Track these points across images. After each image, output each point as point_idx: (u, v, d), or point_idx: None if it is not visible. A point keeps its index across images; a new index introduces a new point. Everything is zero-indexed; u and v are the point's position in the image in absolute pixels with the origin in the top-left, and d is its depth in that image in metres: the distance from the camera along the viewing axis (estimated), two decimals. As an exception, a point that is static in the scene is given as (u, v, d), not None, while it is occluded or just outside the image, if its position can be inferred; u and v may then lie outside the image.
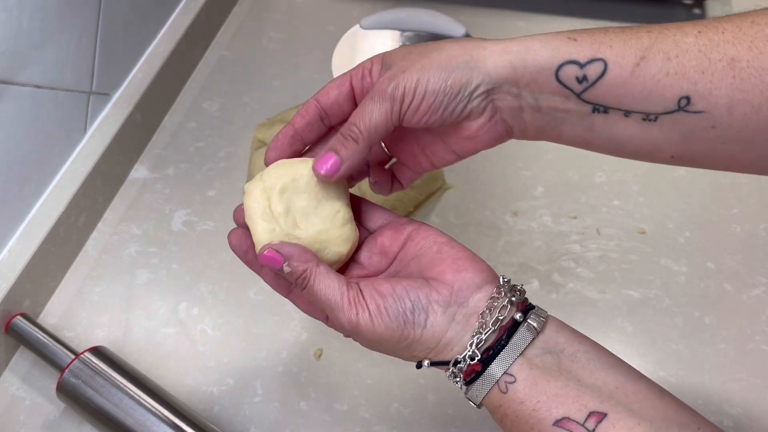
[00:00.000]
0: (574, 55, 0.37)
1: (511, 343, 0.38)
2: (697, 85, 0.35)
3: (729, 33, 0.35)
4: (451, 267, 0.40)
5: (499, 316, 0.38)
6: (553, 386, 0.36)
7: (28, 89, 0.61)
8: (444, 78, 0.38)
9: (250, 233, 0.44)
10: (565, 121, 0.39)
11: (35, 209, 0.66)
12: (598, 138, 0.40)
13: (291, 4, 0.97)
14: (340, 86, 0.44)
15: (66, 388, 0.55)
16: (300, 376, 0.60)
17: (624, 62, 0.36)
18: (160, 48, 0.81)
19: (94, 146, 0.71)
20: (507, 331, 0.38)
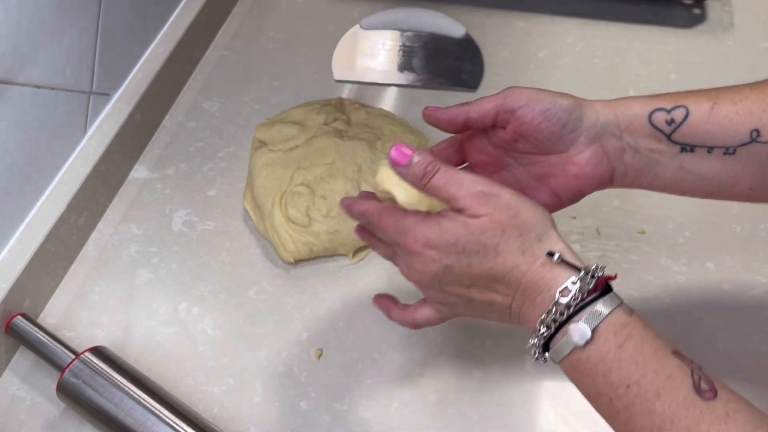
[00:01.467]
0: (661, 104, 0.46)
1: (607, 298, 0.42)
2: (762, 120, 0.44)
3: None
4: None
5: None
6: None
7: (28, 89, 0.61)
8: (561, 100, 0.47)
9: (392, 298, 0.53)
10: (659, 162, 0.47)
11: (35, 209, 0.66)
12: (688, 176, 0.47)
13: (291, 4, 0.97)
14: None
15: (66, 388, 0.55)
16: (300, 376, 0.60)
17: (701, 107, 0.45)
18: (160, 48, 0.81)
19: (94, 146, 0.71)
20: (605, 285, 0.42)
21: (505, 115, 0.48)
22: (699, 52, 0.86)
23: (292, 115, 0.76)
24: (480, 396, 0.59)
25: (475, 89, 0.83)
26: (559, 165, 0.49)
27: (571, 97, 0.48)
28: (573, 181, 0.49)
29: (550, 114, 0.47)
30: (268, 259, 0.69)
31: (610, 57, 0.86)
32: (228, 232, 0.71)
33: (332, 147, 0.70)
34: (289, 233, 0.66)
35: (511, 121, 0.48)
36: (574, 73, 0.85)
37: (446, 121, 0.50)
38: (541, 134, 0.47)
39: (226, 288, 0.67)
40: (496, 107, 0.48)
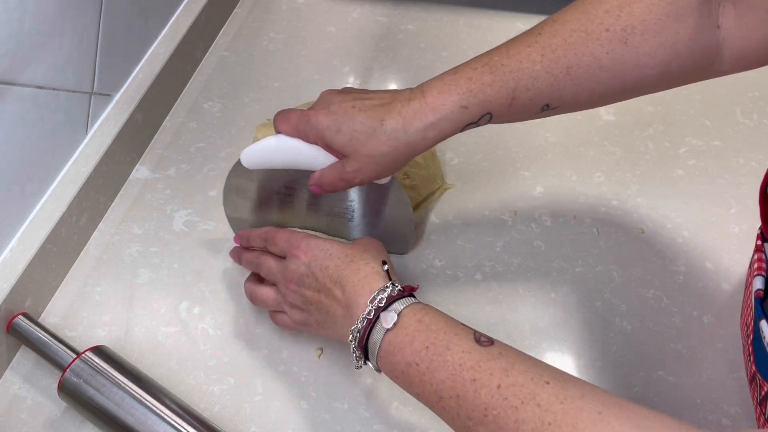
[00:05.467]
0: (469, 120, 0.52)
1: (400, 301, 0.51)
2: (551, 96, 0.52)
3: (560, 49, 0.50)
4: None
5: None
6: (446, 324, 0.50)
7: (29, 90, 0.61)
8: (390, 166, 0.55)
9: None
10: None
11: (37, 209, 0.66)
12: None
13: (291, 5, 0.97)
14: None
15: (67, 387, 0.56)
16: (300, 375, 0.61)
17: (501, 109, 0.52)
18: (161, 49, 0.82)
19: (95, 146, 0.71)
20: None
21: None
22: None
23: (293, 116, 0.75)
24: (479, 395, 0.59)
25: (403, 254, 0.68)
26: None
27: (391, 156, 0.54)
28: None
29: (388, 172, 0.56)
30: (268, 259, 0.69)
31: (610, 58, 0.86)
32: (229, 232, 0.71)
33: (332, 147, 0.70)
34: None
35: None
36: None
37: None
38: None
39: (226, 287, 0.67)
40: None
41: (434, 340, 0.47)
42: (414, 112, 0.52)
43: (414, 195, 0.70)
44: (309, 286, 0.55)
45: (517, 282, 0.66)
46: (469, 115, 0.52)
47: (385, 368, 0.50)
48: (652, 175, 0.74)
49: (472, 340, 0.46)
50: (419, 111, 0.52)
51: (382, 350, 0.49)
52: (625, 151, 0.76)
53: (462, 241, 0.70)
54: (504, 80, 0.51)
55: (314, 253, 0.55)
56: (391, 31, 0.92)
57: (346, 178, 0.55)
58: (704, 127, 0.78)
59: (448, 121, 0.52)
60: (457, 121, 0.52)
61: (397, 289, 0.51)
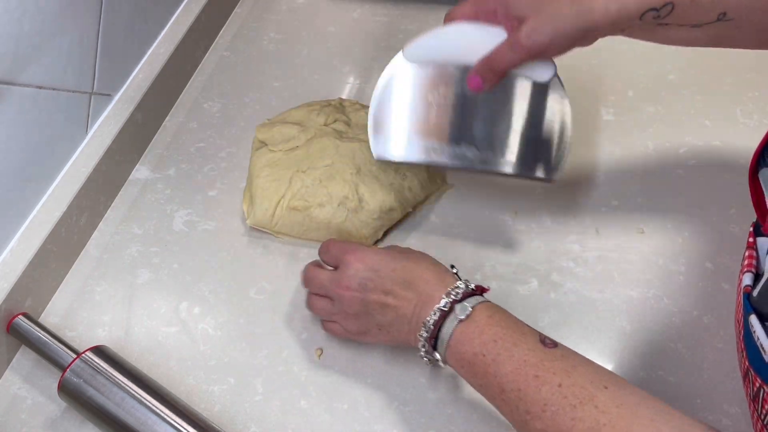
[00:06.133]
0: (653, 3, 0.52)
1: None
2: (727, 4, 0.52)
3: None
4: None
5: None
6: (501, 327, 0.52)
7: (30, 90, 0.61)
8: (569, 32, 0.54)
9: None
10: (637, 34, 0.56)
11: (37, 209, 0.66)
12: (655, 37, 0.56)
13: (291, 5, 0.97)
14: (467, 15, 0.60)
15: (67, 387, 0.56)
16: (300, 375, 0.61)
17: (684, 1, 0.52)
18: (161, 49, 0.82)
19: (95, 146, 0.71)
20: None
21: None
22: (697, 53, 0.86)
23: (293, 116, 0.76)
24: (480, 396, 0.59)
25: (550, 180, 0.62)
26: None
27: (578, 18, 0.54)
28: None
29: (561, 50, 0.57)
30: (268, 258, 0.69)
31: (609, 57, 0.86)
32: (229, 232, 0.71)
33: (332, 148, 0.70)
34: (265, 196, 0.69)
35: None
36: (573, 73, 0.85)
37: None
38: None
39: (226, 287, 0.67)
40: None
41: (502, 335, 0.50)
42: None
43: (414, 195, 0.70)
44: (373, 289, 0.55)
45: (517, 282, 0.66)
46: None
47: (452, 358, 0.52)
48: (652, 175, 0.74)
49: (537, 341, 0.49)
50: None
51: (453, 339, 0.51)
52: (625, 151, 0.76)
53: (462, 241, 0.70)
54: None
55: (375, 258, 0.56)
56: (391, 31, 0.92)
57: (518, 43, 0.55)
58: (704, 128, 0.78)
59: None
60: (639, 1, 0.52)
61: (471, 288, 0.54)
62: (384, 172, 0.69)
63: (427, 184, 0.71)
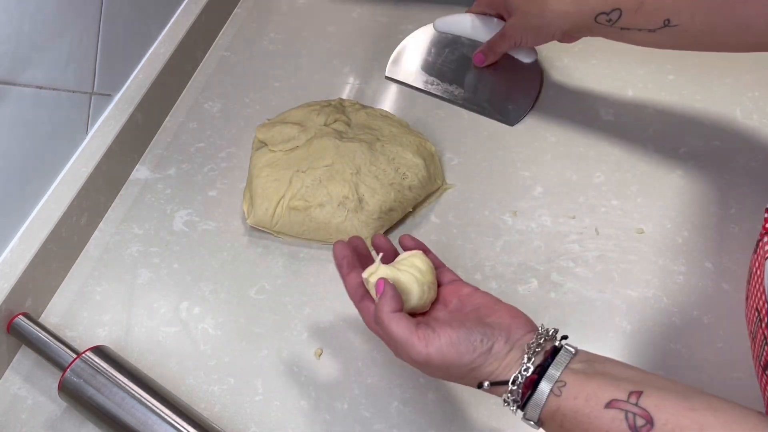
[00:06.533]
0: (603, 8, 0.65)
1: (556, 360, 0.46)
2: (671, 10, 0.62)
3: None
4: (507, 314, 0.50)
5: (544, 345, 0.48)
6: (595, 382, 0.44)
7: (30, 90, 0.61)
8: (535, 29, 0.73)
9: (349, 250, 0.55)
10: (612, 35, 0.68)
11: (37, 209, 0.66)
12: (632, 40, 0.67)
13: (291, 4, 0.97)
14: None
15: (68, 387, 0.56)
16: (300, 375, 0.61)
17: (630, 7, 0.64)
18: (161, 49, 0.82)
19: (95, 147, 0.71)
20: (551, 353, 0.47)
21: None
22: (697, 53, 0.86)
23: (293, 116, 0.76)
24: (480, 395, 0.59)
25: (512, 125, 0.80)
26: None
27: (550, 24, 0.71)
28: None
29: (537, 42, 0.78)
30: (268, 258, 0.69)
31: (609, 58, 0.86)
32: (229, 232, 0.71)
33: (332, 148, 0.70)
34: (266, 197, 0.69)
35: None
36: (573, 73, 0.85)
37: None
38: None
39: (226, 288, 0.67)
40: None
41: (592, 396, 0.44)
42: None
43: (414, 195, 0.70)
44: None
45: (517, 282, 0.66)
46: (602, 3, 0.65)
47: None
48: (652, 175, 0.74)
49: (627, 431, 0.42)
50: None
51: (544, 412, 0.46)
52: (625, 151, 0.76)
53: (462, 241, 0.70)
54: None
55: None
56: (391, 31, 0.92)
57: (504, 34, 0.77)
58: (704, 128, 0.78)
59: (585, 5, 0.66)
60: (591, 5, 0.65)
61: (518, 396, 0.47)
62: (384, 172, 0.70)
63: (427, 184, 0.71)
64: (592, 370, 0.46)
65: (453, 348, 0.47)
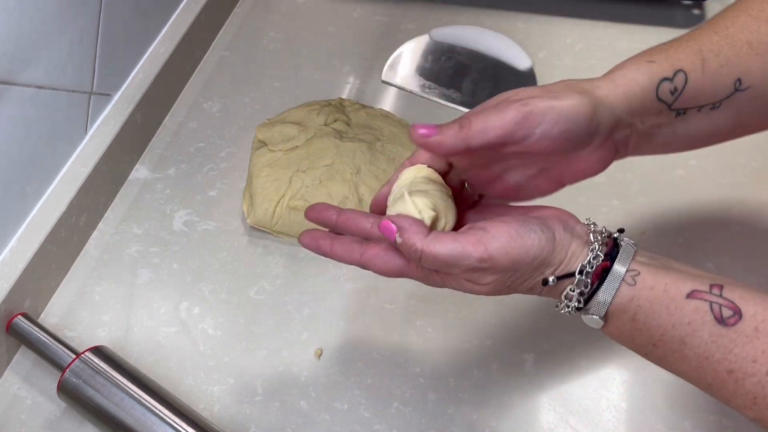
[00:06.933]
0: (663, 73, 0.45)
1: (623, 250, 0.42)
2: (741, 67, 0.45)
3: (732, 28, 0.46)
4: (550, 208, 0.46)
5: (603, 235, 0.43)
6: (671, 274, 0.41)
7: (29, 90, 0.61)
8: (579, 113, 0.42)
9: (318, 232, 0.50)
10: (657, 134, 0.47)
11: (36, 209, 0.66)
12: (677, 138, 0.48)
13: (291, 4, 0.97)
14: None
15: (67, 387, 0.56)
16: (300, 376, 0.60)
17: (694, 67, 0.45)
18: (161, 48, 0.81)
19: (95, 146, 0.71)
20: (613, 245, 0.43)
21: (516, 141, 0.43)
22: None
23: (293, 116, 0.76)
24: (480, 396, 0.59)
25: None
26: (565, 162, 0.46)
27: (586, 98, 0.43)
28: (579, 173, 0.48)
29: (570, 134, 0.43)
30: (268, 259, 0.69)
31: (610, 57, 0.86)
32: (229, 232, 0.71)
33: (332, 148, 0.70)
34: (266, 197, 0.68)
35: (523, 143, 0.43)
36: (574, 73, 0.85)
37: (443, 152, 0.45)
38: (556, 151, 0.44)
39: (226, 288, 0.67)
40: (504, 133, 0.43)
41: (661, 338, 0.41)
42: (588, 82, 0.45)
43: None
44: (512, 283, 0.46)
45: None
46: (659, 68, 0.45)
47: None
48: (652, 175, 0.74)
49: (712, 322, 0.39)
50: (596, 81, 0.45)
51: (615, 303, 0.42)
52: (626, 151, 0.76)
53: (462, 241, 0.69)
54: (687, 46, 0.46)
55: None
56: (391, 30, 0.92)
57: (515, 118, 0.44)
58: (705, 127, 0.78)
59: (637, 72, 0.45)
60: (647, 72, 0.45)
61: (588, 281, 0.42)
62: (384, 172, 0.69)
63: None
64: (662, 264, 0.42)
65: (516, 242, 0.41)
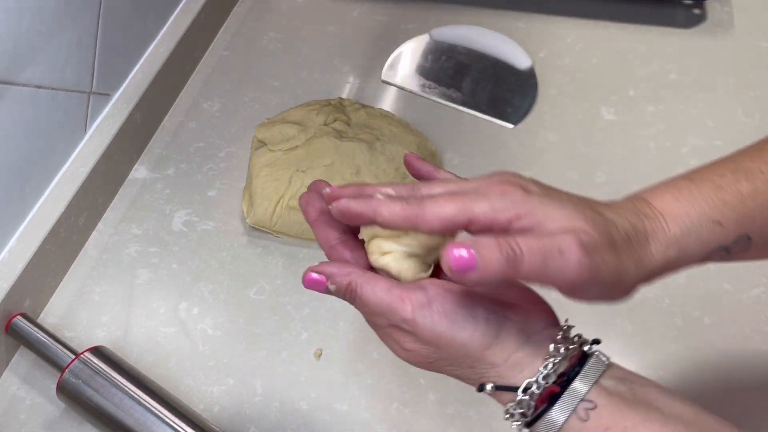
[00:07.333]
0: (722, 241, 0.38)
1: (585, 370, 0.36)
2: None
3: None
4: (525, 298, 0.39)
5: (570, 346, 0.37)
6: (636, 413, 0.34)
7: (28, 89, 0.61)
8: (620, 269, 0.37)
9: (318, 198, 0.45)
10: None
11: (35, 209, 0.66)
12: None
13: (291, 4, 0.97)
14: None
15: (66, 387, 0.55)
16: (300, 376, 0.60)
17: (765, 230, 0.38)
18: (160, 48, 0.81)
19: (94, 146, 0.71)
20: (578, 360, 0.36)
21: (561, 291, 0.37)
22: (698, 53, 0.86)
23: (292, 115, 0.76)
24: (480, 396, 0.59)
25: (515, 125, 0.80)
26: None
27: (630, 257, 0.37)
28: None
29: (606, 290, 0.38)
30: (268, 259, 0.69)
31: (610, 57, 0.86)
32: (228, 232, 0.71)
33: (331, 148, 0.70)
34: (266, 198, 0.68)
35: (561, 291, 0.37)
36: (574, 73, 0.85)
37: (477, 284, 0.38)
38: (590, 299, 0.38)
39: (226, 288, 0.67)
40: (559, 287, 0.37)
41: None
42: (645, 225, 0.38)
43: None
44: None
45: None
46: (723, 234, 0.38)
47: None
48: (653, 175, 0.74)
49: None
50: (653, 225, 0.38)
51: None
52: (627, 151, 0.76)
53: (462, 241, 0.69)
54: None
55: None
56: (391, 30, 0.92)
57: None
58: (706, 127, 0.78)
59: (696, 237, 0.37)
60: (706, 240, 0.38)
61: (531, 404, 0.36)
62: (384, 172, 0.69)
63: (427, 183, 0.71)
64: (631, 394, 0.35)
65: (447, 320, 0.36)
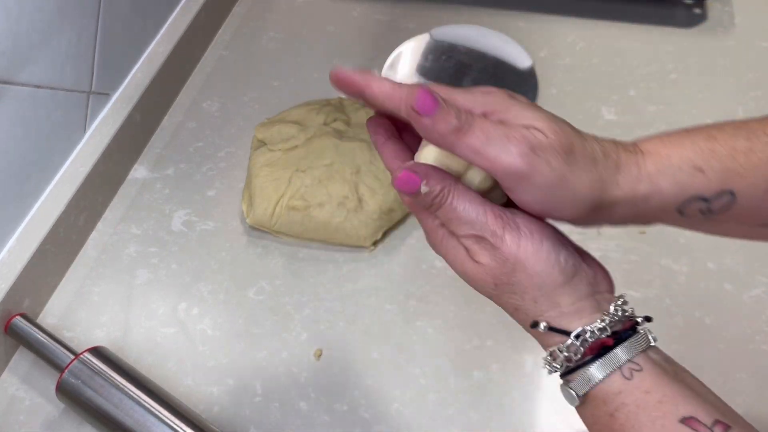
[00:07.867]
0: (702, 190, 0.36)
1: (636, 337, 0.36)
2: None
3: None
4: (595, 261, 0.39)
5: (626, 314, 0.38)
6: (677, 386, 0.35)
7: (27, 89, 0.61)
8: (566, 177, 0.36)
9: (387, 120, 0.43)
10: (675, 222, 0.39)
11: (35, 209, 0.66)
12: (701, 228, 0.39)
13: (291, 4, 0.97)
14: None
15: (65, 388, 0.55)
16: (300, 377, 0.60)
17: (754, 191, 0.36)
18: (159, 48, 0.81)
19: (93, 146, 0.71)
20: (632, 326, 0.37)
21: (503, 186, 0.36)
22: (699, 52, 0.86)
23: (292, 115, 0.75)
24: (480, 396, 0.59)
25: None
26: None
27: (598, 189, 0.36)
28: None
29: (563, 213, 0.37)
30: (267, 259, 0.69)
31: (610, 57, 0.86)
32: (227, 232, 0.71)
33: (331, 148, 0.70)
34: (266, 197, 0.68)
35: (508, 191, 0.36)
36: (574, 73, 0.85)
37: (426, 135, 0.38)
38: (536, 213, 0.37)
39: (225, 288, 0.66)
40: (495, 173, 0.36)
41: (669, 400, 0.35)
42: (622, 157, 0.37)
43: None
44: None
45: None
46: (704, 183, 0.36)
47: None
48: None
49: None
50: (629, 158, 0.37)
51: (600, 389, 0.36)
52: (627, 151, 0.76)
53: (462, 241, 0.69)
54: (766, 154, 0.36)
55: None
56: (391, 30, 0.91)
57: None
58: (706, 127, 0.78)
59: (671, 179, 0.36)
60: (684, 183, 0.36)
61: (580, 350, 0.36)
62: (384, 172, 0.69)
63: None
64: (673, 372, 0.37)
65: (534, 243, 0.35)
